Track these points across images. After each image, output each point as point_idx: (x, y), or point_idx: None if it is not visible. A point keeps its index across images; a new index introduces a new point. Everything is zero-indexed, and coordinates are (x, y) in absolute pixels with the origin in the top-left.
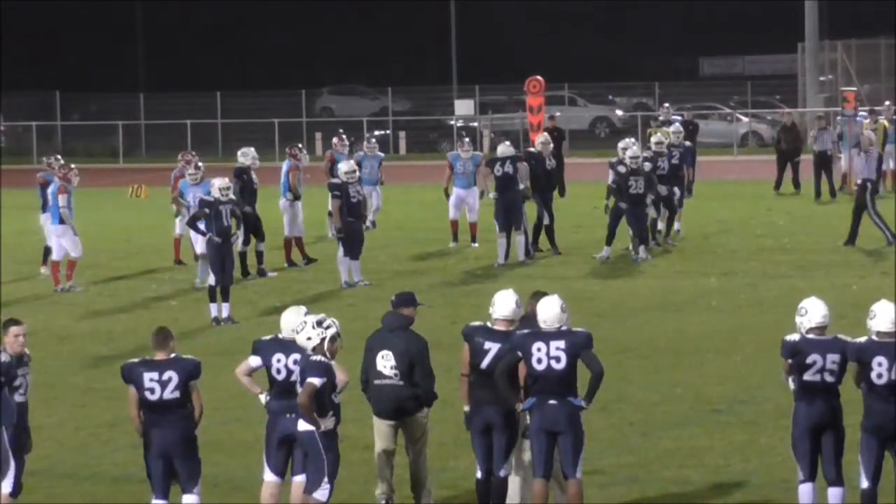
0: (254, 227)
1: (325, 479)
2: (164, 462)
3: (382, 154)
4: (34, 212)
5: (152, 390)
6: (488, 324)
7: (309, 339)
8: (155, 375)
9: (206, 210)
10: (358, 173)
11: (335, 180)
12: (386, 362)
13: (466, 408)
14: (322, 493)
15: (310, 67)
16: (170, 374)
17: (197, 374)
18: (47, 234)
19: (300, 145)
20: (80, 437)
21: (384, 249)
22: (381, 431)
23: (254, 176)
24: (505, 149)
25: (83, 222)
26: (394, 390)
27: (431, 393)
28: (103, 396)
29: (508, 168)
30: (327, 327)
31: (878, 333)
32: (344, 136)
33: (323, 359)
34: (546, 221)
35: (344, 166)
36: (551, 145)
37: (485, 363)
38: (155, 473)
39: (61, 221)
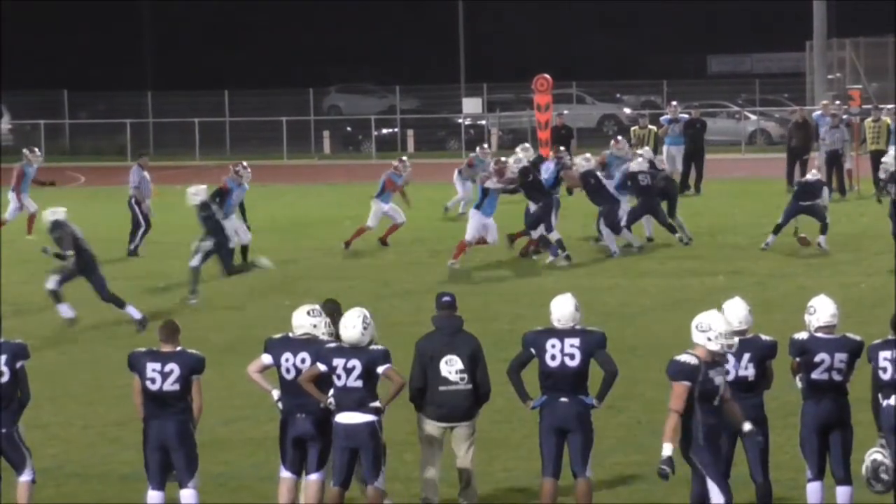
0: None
1: (383, 468)
2: (161, 454)
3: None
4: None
5: (153, 380)
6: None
7: (362, 334)
8: (157, 366)
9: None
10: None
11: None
12: (451, 367)
13: (668, 449)
14: (381, 480)
15: (318, 66)
16: (172, 366)
17: (199, 369)
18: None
19: (403, 158)
20: (88, 435)
21: (391, 248)
22: (434, 435)
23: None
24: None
25: (91, 220)
26: (462, 395)
27: (489, 391)
28: (111, 395)
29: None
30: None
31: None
32: (405, 160)
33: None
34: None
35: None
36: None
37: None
38: (151, 465)
39: None
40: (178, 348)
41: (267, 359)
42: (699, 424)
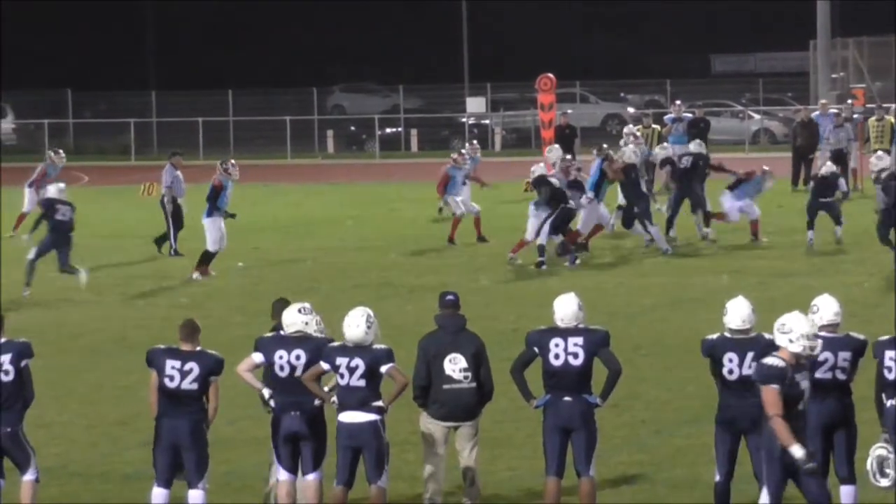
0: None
1: (386, 467)
2: (172, 453)
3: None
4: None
5: (172, 377)
6: None
7: (366, 333)
8: (177, 364)
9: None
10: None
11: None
12: (455, 365)
13: (798, 449)
14: (385, 479)
15: (321, 65)
16: (191, 365)
17: (218, 370)
18: None
19: (463, 151)
20: (91, 434)
21: (396, 247)
22: (437, 434)
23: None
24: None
25: (94, 220)
26: (466, 393)
27: (492, 390)
28: (114, 394)
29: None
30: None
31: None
32: (464, 151)
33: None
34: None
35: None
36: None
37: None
38: (160, 463)
39: None
40: (198, 348)
41: (258, 357)
42: None
